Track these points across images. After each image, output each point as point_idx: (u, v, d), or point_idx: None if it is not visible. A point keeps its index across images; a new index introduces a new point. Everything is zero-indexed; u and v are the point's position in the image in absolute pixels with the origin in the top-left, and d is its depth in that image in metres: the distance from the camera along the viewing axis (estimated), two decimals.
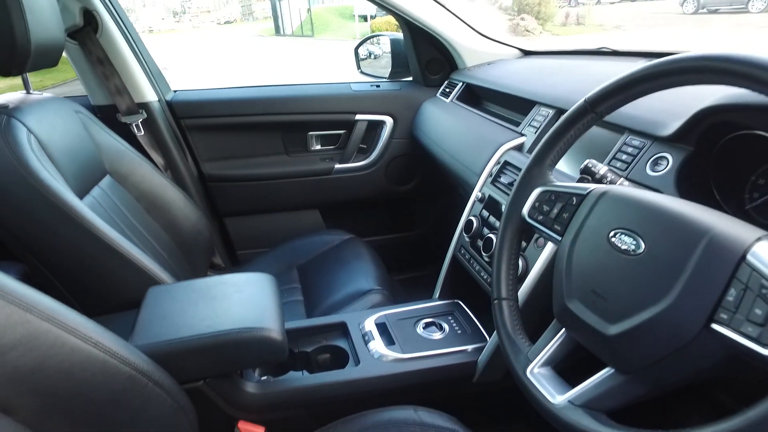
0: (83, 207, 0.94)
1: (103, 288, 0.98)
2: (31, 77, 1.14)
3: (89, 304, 0.99)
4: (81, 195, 1.07)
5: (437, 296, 1.15)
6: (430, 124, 1.60)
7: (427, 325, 1.01)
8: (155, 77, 1.53)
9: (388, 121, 1.74)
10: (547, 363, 0.56)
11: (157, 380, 0.66)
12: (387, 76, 1.83)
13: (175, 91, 1.63)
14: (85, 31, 1.34)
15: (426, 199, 1.90)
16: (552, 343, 0.55)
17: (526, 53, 1.66)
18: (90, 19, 1.34)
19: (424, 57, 1.70)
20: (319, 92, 1.69)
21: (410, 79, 1.83)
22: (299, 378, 0.90)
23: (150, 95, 1.48)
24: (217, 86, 1.71)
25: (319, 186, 1.77)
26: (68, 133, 1.09)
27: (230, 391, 0.84)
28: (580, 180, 0.67)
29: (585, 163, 0.67)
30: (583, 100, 0.58)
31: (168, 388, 0.68)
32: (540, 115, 1.08)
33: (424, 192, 1.87)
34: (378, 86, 1.77)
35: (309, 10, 21.86)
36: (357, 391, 0.88)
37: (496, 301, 0.64)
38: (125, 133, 1.40)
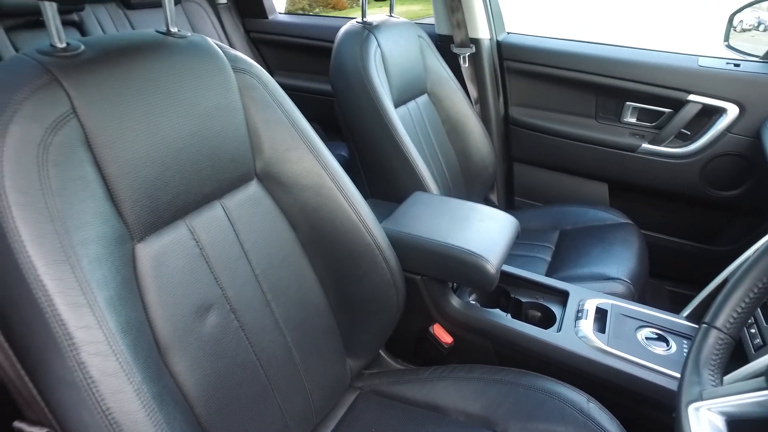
0: (393, 113, 1.17)
1: (384, 178, 1.23)
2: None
3: (371, 186, 1.25)
4: (398, 104, 1.31)
5: (685, 315, 1.00)
6: None
7: (653, 336, 0.92)
8: (494, 17, 1.65)
9: (732, 110, 1.45)
10: (724, 412, 0.47)
11: (386, 256, 0.84)
12: (762, 54, 1.48)
13: (508, 33, 1.72)
14: None
15: (750, 214, 1.55)
16: (744, 397, 0.46)
17: None
18: None
19: None
20: (652, 60, 1.51)
21: None
22: (501, 317, 0.97)
23: (483, 33, 1.62)
24: (551, 35, 1.72)
25: (618, 161, 1.64)
26: (406, 53, 1.33)
27: (439, 296, 0.97)
28: None
29: None
30: None
31: (392, 266, 0.85)
32: None
33: (750, 205, 1.52)
34: (737, 65, 1.47)
35: None
36: (544, 354, 0.90)
37: (704, 326, 0.55)
38: (452, 62, 1.58)
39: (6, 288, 0.49)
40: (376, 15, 1.34)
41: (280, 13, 2.12)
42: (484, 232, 0.96)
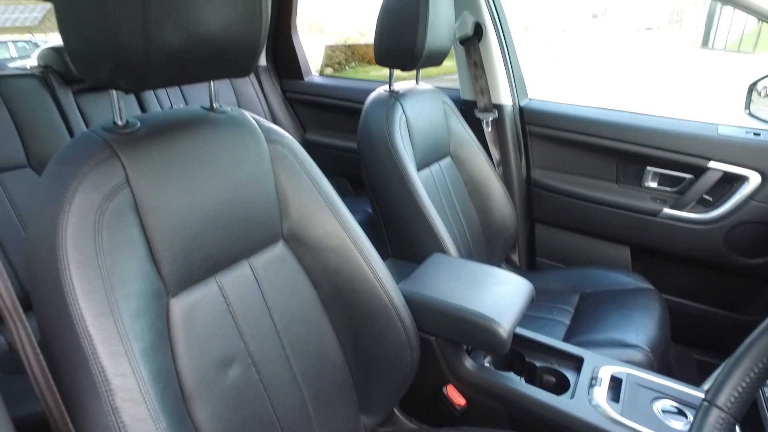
0: (415, 177, 1.24)
1: (405, 238, 1.28)
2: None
3: (392, 244, 1.30)
4: (421, 166, 1.38)
5: (707, 387, 0.99)
6: None
7: (671, 409, 0.91)
8: (516, 83, 1.73)
9: (754, 177, 1.46)
10: None
11: (401, 316, 0.87)
12: None
13: (530, 99, 1.79)
14: (472, 40, 1.63)
15: None
16: None
17: None
18: (478, 29, 1.62)
19: None
20: (671, 127, 1.55)
21: None
22: (514, 381, 0.98)
23: (506, 99, 1.69)
24: (575, 101, 1.78)
25: (640, 225, 1.65)
26: (430, 118, 1.41)
27: (453, 358, 0.99)
28: None
29: None
30: None
31: (407, 326, 0.88)
32: None
33: None
34: (758, 134, 1.49)
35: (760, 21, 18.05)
36: (556, 420, 0.90)
37: (705, 403, 0.56)
38: (476, 125, 1.66)
39: (57, 335, 0.55)
40: (403, 82, 1.43)
41: (315, 75, 2.27)
42: (499, 296, 0.99)
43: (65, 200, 0.57)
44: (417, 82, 1.47)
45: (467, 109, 1.73)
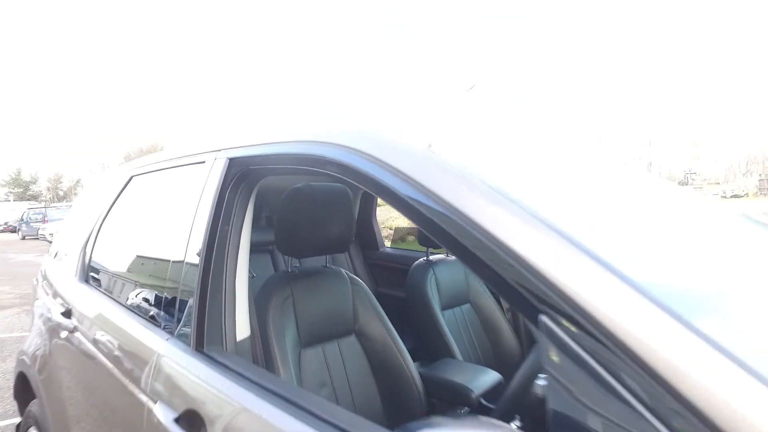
0: (439, 314, 2.02)
1: (431, 346, 2.00)
2: None
3: (425, 351, 2.03)
4: (446, 308, 2.16)
5: None
6: None
7: None
8: None
9: None
10: None
11: (415, 380, 1.59)
12: None
13: None
14: None
15: None
16: None
17: None
18: None
19: None
20: None
21: None
22: None
23: None
24: None
25: None
26: (454, 276, 2.22)
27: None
28: None
29: None
30: None
31: (417, 382, 1.59)
32: None
33: None
34: None
35: None
36: None
37: None
38: None
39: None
40: (438, 255, 2.29)
41: (386, 247, 3.21)
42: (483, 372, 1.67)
43: (270, 299, 1.43)
44: (447, 255, 2.32)
45: None
